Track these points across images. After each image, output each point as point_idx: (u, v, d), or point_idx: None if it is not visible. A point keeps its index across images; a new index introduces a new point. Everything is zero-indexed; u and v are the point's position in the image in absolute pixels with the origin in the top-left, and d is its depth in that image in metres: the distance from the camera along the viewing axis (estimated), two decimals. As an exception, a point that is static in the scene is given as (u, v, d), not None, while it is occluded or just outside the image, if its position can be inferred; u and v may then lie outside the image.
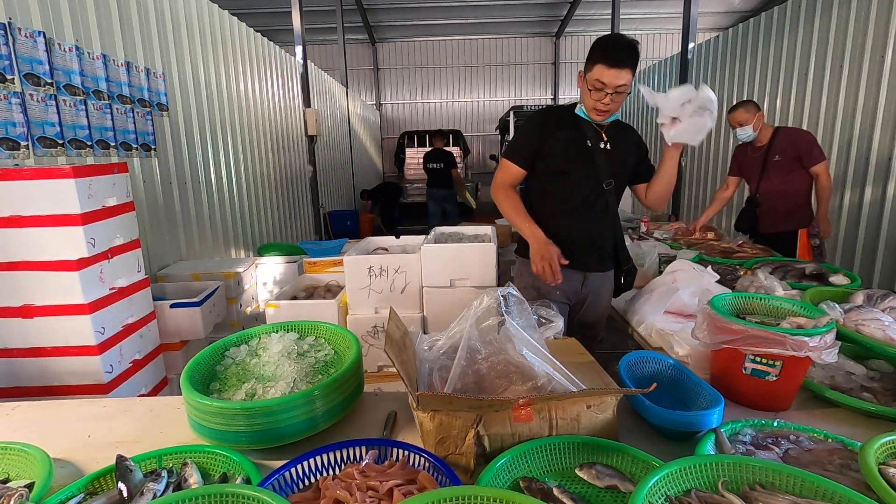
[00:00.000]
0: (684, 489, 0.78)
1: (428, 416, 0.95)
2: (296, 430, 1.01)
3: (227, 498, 0.71)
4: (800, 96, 4.54)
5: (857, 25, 3.90)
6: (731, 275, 2.11)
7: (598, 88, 1.64)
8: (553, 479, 0.90)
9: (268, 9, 10.20)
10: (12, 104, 2.20)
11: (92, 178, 1.96)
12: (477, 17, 11.74)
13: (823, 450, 0.93)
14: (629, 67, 1.61)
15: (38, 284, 1.90)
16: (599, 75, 1.62)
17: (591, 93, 1.67)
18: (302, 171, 6.48)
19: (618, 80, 1.61)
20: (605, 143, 1.80)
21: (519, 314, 1.17)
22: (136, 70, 3.06)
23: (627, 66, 1.60)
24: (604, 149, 1.80)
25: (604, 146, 1.80)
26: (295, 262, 3.34)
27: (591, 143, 1.78)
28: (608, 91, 1.64)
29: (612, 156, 1.81)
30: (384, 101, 14.04)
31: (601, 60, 1.61)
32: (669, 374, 1.22)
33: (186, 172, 3.61)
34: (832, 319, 1.13)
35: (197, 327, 2.51)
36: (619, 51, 1.60)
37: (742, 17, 11.48)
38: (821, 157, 2.98)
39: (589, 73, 1.67)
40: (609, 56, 1.60)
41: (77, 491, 0.87)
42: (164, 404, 1.26)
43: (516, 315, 1.16)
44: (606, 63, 1.60)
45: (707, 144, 6.17)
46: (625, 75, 1.61)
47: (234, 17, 4.53)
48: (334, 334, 1.34)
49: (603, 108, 1.70)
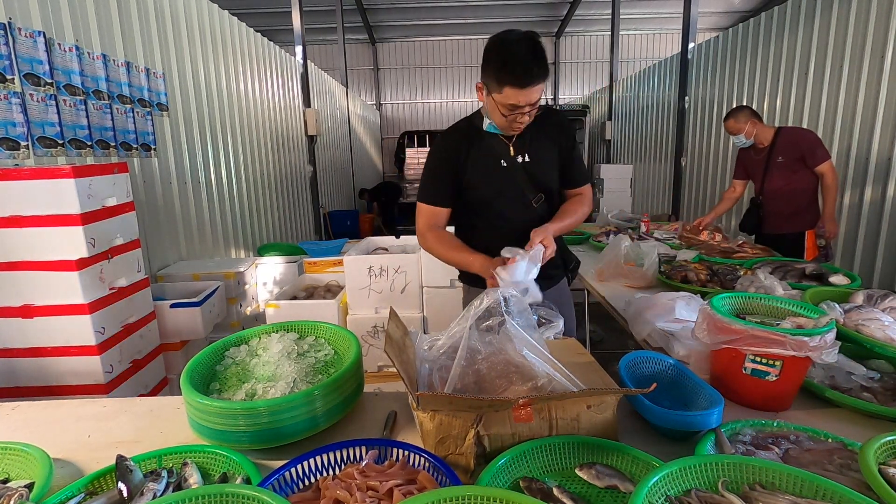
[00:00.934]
0: (684, 489, 0.78)
1: (428, 416, 0.95)
2: (296, 430, 1.01)
3: (227, 498, 0.71)
4: (800, 96, 4.54)
5: (857, 25, 3.89)
6: (731, 275, 2.11)
7: (513, 109, 1.41)
8: (553, 479, 0.90)
9: (268, 9, 10.20)
10: (12, 104, 2.20)
11: (92, 178, 1.96)
12: (477, 17, 11.75)
13: (823, 450, 0.93)
14: (542, 80, 1.37)
15: (38, 284, 1.90)
16: (512, 99, 1.38)
17: (504, 117, 1.44)
18: (302, 171, 6.48)
19: (532, 97, 1.39)
20: (522, 157, 1.58)
21: (519, 314, 1.17)
22: (136, 70, 3.06)
23: (540, 79, 1.37)
24: (522, 163, 1.58)
25: (522, 160, 1.58)
26: (295, 262, 3.34)
27: (507, 161, 1.57)
28: (524, 111, 1.42)
29: (532, 168, 1.59)
30: (384, 101, 14.04)
31: (510, 83, 1.36)
32: (669, 374, 1.22)
33: (186, 172, 3.61)
34: (832, 319, 1.13)
35: (197, 327, 2.51)
36: (526, 68, 1.34)
37: (742, 17, 11.49)
38: (825, 156, 2.96)
39: (496, 94, 1.40)
40: (517, 79, 1.35)
41: (77, 491, 0.87)
42: (163, 404, 1.26)
43: (516, 315, 1.16)
44: (516, 85, 1.36)
45: (707, 145, 6.17)
46: (539, 88, 1.38)
47: (234, 17, 4.53)
48: (334, 334, 1.34)
49: (520, 127, 1.49)
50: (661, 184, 7.64)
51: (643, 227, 3.57)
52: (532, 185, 1.59)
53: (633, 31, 12.98)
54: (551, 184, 1.64)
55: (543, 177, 1.61)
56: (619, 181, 7.04)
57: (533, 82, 1.36)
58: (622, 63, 11.02)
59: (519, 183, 1.58)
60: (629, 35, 12.97)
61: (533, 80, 1.35)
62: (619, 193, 6.93)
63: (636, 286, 2.24)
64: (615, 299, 2.11)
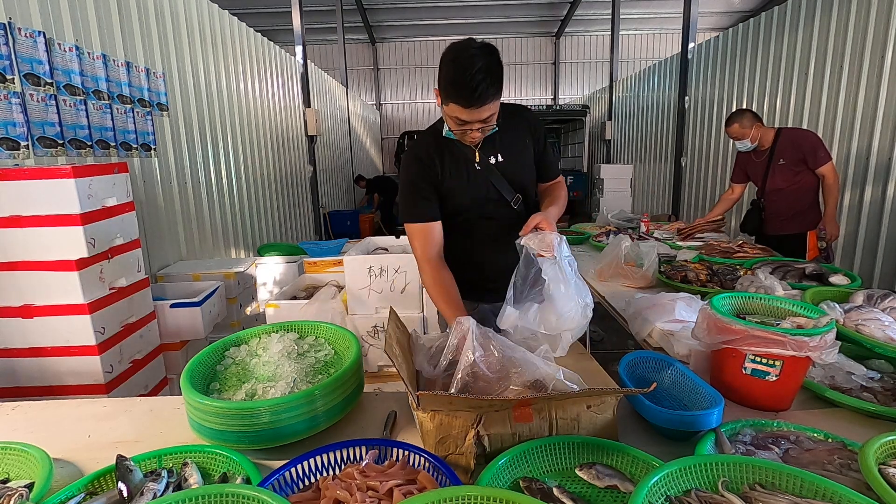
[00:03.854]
0: (684, 489, 0.78)
1: (428, 416, 0.95)
2: (296, 430, 1.01)
3: (227, 498, 0.71)
4: (800, 96, 4.54)
5: (857, 25, 3.89)
6: (731, 275, 2.11)
7: (460, 125, 1.36)
8: (553, 479, 0.90)
9: (268, 9, 10.21)
10: (12, 104, 2.20)
11: (92, 178, 1.96)
12: (477, 17, 11.75)
13: (823, 450, 0.93)
14: (491, 100, 1.29)
15: (38, 284, 1.90)
16: (458, 113, 1.32)
17: (456, 129, 1.38)
18: (302, 171, 6.48)
19: (481, 115, 1.31)
20: (495, 158, 1.53)
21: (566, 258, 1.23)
22: (136, 70, 3.06)
23: (488, 99, 1.28)
24: (496, 164, 1.53)
25: (496, 161, 1.53)
26: (295, 262, 3.34)
27: (480, 165, 1.51)
28: (473, 128, 1.36)
29: (508, 168, 1.54)
30: (384, 101, 14.05)
31: (454, 99, 1.30)
32: (669, 374, 1.22)
33: (186, 172, 3.61)
34: (832, 319, 1.13)
35: (197, 327, 2.51)
36: (472, 89, 1.25)
37: (742, 17, 11.49)
38: (826, 158, 2.94)
39: (445, 106, 1.34)
40: (464, 99, 1.28)
41: (77, 491, 0.87)
42: (164, 404, 1.26)
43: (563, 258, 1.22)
44: (461, 104, 1.29)
45: (707, 145, 6.18)
46: (488, 108, 1.30)
47: (234, 17, 4.53)
48: (334, 334, 1.34)
49: (472, 140, 1.43)
50: (661, 184, 7.64)
51: (643, 227, 3.57)
52: (509, 185, 1.55)
53: (633, 31, 12.98)
54: (527, 184, 1.61)
55: (519, 176, 1.58)
56: (619, 181, 7.04)
57: (478, 103, 1.28)
58: (622, 63, 11.01)
59: (496, 184, 1.54)
60: (629, 35, 12.98)
61: (479, 101, 1.28)
62: (619, 193, 6.93)
63: (636, 286, 2.24)
64: (615, 299, 2.11)
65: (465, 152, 1.52)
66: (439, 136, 1.53)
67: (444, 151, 1.52)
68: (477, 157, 1.51)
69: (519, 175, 1.57)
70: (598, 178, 7.25)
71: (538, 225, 1.34)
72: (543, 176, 1.66)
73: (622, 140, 9.37)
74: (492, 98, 1.29)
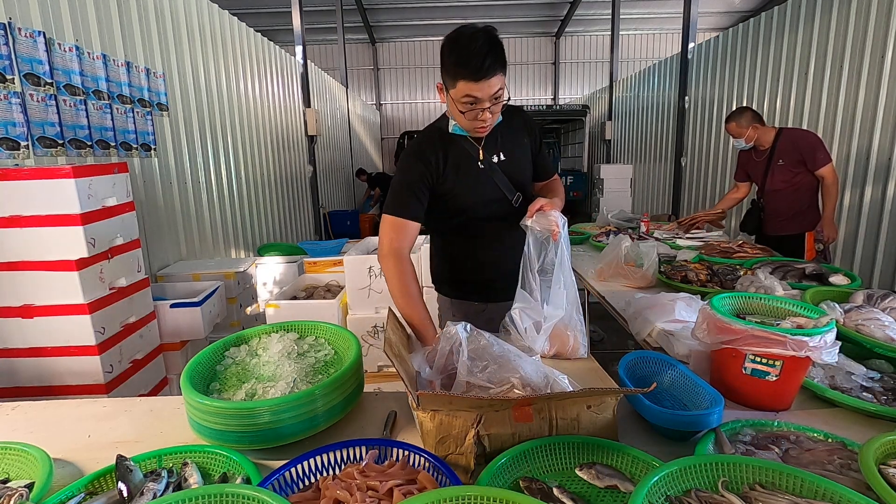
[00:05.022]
0: (684, 489, 0.78)
1: (428, 416, 0.95)
2: (296, 430, 1.01)
3: (227, 498, 0.71)
4: (800, 96, 4.54)
5: (857, 25, 3.89)
6: (731, 275, 2.11)
7: (471, 104, 1.34)
8: (553, 479, 0.90)
9: (268, 9, 10.21)
10: (12, 104, 2.20)
11: (92, 178, 1.96)
12: (477, 17, 11.75)
13: (823, 450, 0.93)
14: (498, 72, 1.30)
15: (38, 284, 1.90)
16: (467, 91, 1.31)
17: (463, 114, 1.36)
18: (302, 171, 6.48)
19: (490, 89, 1.31)
20: (497, 157, 1.54)
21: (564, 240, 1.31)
22: (136, 70, 3.06)
23: (496, 71, 1.29)
24: (499, 163, 1.53)
25: (498, 160, 1.53)
26: (295, 262, 3.34)
27: (484, 164, 1.52)
28: (484, 106, 1.34)
29: (510, 168, 1.55)
30: (384, 101, 14.04)
31: (462, 76, 1.29)
32: (669, 374, 1.22)
33: (186, 172, 3.61)
34: (832, 319, 1.12)
35: (197, 327, 2.52)
36: (478, 59, 1.26)
37: (742, 17, 11.49)
38: (826, 159, 2.93)
39: (453, 90, 1.33)
40: (469, 68, 1.28)
41: (77, 491, 0.87)
42: (164, 404, 1.26)
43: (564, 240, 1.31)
44: (469, 78, 1.29)
45: (707, 145, 6.17)
46: (496, 81, 1.30)
47: (234, 17, 4.53)
48: (334, 334, 1.34)
49: (483, 126, 1.41)
50: (661, 184, 7.64)
51: (643, 227, 3.56)
52: (511, 184, 1.56)
53: (633, 31, 12.98)
54: (526, 183, 1.63)
55: (520, 175, 1.59)
56: (619, 181, 7.04)
57: (487, 74, 1.28)
58: (622, 63, 11.02)
59: (499, 183, 1.54)
60: (629, 35, 12.97)
61: (487, 72, 1.28)
62: (619, 193, 6.93)
63: (636, 286, 2.24)
64: (615, 299, 2.11)
65: (469, 150, 1.52)
66: (444, 134, 1.52)
67: (448, 149, 1.51)
68: (481, 156, 1.52)
69: (519, 174, 1.59)
70: (598, 178, 7.24)
71: (542, 206, 1.38)
72: (541, 174, 1.68)
73: (622, 140, 9.37)
74: (499, 70, 1.30)
